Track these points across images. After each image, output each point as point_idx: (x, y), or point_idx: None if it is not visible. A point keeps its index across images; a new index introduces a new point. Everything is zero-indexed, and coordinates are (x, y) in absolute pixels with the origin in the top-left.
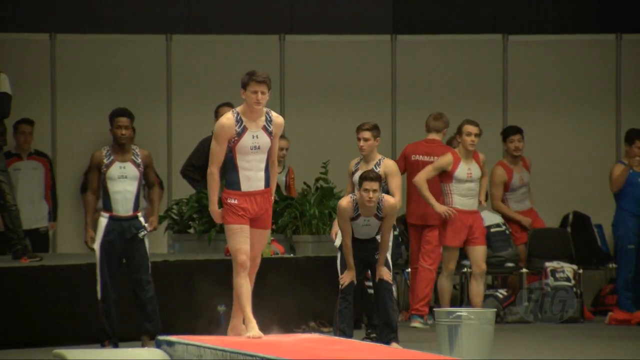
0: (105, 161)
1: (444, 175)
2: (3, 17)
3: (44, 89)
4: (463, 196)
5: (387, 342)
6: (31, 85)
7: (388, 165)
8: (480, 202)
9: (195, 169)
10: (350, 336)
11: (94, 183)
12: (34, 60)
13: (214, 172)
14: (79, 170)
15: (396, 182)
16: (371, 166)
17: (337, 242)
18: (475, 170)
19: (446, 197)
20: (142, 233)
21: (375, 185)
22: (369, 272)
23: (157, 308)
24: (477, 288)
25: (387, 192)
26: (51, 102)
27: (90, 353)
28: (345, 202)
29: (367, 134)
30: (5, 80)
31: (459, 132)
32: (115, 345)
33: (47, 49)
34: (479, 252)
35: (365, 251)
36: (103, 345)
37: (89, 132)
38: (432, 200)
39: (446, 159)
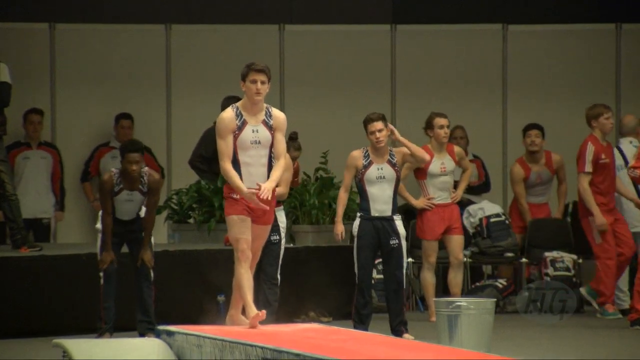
0: (115, 188)
1: (419, 172)
2: (3, 6)
3: (44, 78)
4: (439, 189)
5: (399, 334)
6: (31, 75)
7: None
8: (453, 198)
9: (205, 160)
10: (363, 329)
11: (108, 207)
12: (33, 49)
13: (227, 167)
14: (78, 159)
15: (286, 175)
16: None
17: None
18: (448, 163)
19: (422, 193)
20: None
21: (379, 125)
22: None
23: (152, 300)
24: (455, 278)
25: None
26: (51, 91)
27: (91, 343)
28: (355, 151)
29: None
30: (5, 70)
31: (429, 126)
32: (111, 333)
33: (47, 38)
34: (455, 242)
35: (382, 232)
36: (100, 333)
37: (89, 122)
38: (410, 198)
39: None
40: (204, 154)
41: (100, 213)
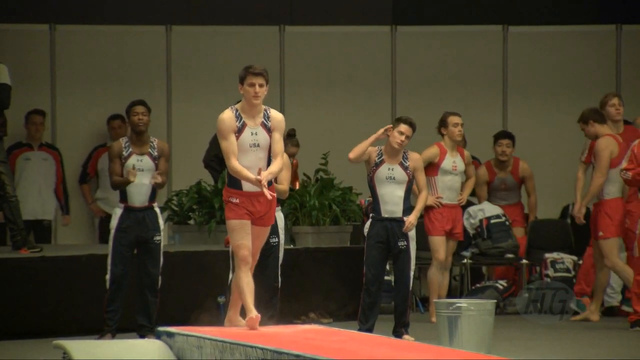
0: (124, 153)
1: (430, 168)
2: (3, 7)
3: (44, 79)
4: (448, 188)
5: (399, 335)
6: (31, 76)
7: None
8: (460, 200)
9: (220, 160)
10: (367, 330)
11: (117, 170)
12: (34, 51)
13: (234, 164)
14: (77, 161)
15: (286, 174)
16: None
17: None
18: (459, 163)
19: (431, 190)
20: (158, 238)
21: (410, 132)
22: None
23: (156, 307)
24: (444, 280)
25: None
26: (51, 93)
27: (91, 344)
28: (372, 148)
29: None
30: (5, 71)
31: (444, 124)
32: (113, 334)
33: (47, 39)
34: (452, 246)
35: (391, 233)
36: (101, 334)
37: (90, 123)
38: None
39: (433, 151)
40: (219, 155)
41: (115, 209)
